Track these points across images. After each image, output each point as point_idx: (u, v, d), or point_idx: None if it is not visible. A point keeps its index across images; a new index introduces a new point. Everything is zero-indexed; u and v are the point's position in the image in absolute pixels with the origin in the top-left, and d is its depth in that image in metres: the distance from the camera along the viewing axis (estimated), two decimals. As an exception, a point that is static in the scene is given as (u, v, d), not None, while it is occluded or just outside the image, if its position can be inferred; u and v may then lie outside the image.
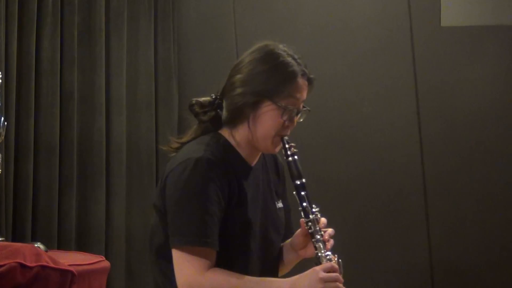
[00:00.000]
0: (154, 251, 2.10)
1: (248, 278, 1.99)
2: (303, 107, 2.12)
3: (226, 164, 2.05)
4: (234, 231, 2.04)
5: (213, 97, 2.13)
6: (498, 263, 4.33)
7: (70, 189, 3.85)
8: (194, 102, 2.15)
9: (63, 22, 3.90)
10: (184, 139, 2.14)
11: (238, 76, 2.07)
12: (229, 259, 2.04)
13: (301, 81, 2.09)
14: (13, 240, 3.59)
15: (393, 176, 4.34)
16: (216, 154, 2.03)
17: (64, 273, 2.61)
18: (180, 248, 1.98)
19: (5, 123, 3.21)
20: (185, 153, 2.05)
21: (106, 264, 3.13)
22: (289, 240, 2.22)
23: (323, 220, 2.09)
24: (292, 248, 2.20)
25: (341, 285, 1.98)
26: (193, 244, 1.96)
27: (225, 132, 2.13)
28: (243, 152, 2.12)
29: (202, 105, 2.14)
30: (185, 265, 1.97)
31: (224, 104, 2.11)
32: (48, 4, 3.83)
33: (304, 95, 2.11)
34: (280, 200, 2.23)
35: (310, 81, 2.12)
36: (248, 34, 4.28)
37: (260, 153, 2.17)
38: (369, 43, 4.39)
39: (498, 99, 4.37)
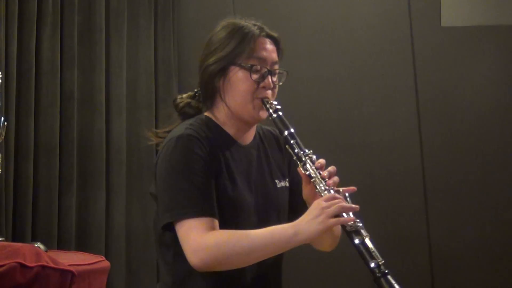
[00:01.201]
0: (157, 239, 2.09)
1: (251, 231, 1.93)
2: (279, 69, 2.10)
3: (211, 140, 2.02)
4: (222, 209, 2.00)
5: (195, 90, 2.17)
6: (498, 263, 4.33)
7: (70, 189, 3.85)
8: (176, 97, 2.19)
9: (63, 22, 3.90)
10: (169, 128, 2.15)
11: (205, 52, 2.09)
12: None
13: (261, 39, 2.08)
14: (13, 240, 3.59)
15: (393, 176, 4.34)
16: (198, 131, 2.02)
17: (64, 273, 2.61)
18: (177, 223, 1.95)
19: (5, 123, 3.21)
20: (169, 136, 2.05)
21: (106, 264, 3.13)
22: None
23: (321, 160, 2.02)
24: (307, 203, 2.07)
25: (344, 203, 1.91)
26: (185, 216, 1.93)
27: (207, 114, 2.12)
28: (230, 130, 2.10)
29: (182, 98, 2.19)
30: (185, 237, 1.93)
31: (199, 86, 2.13)
32: (48, 4, 3.83)
33: (272, 55, 2.08)
34: (287, 179, 2.18)
35: (273, 39, 2.11)
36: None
37: (252, 131, 2.15)
38: (369, 43, 4.39)
39: (498, 99, 4.37)
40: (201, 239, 1.90)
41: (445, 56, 4.39)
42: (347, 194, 1.99)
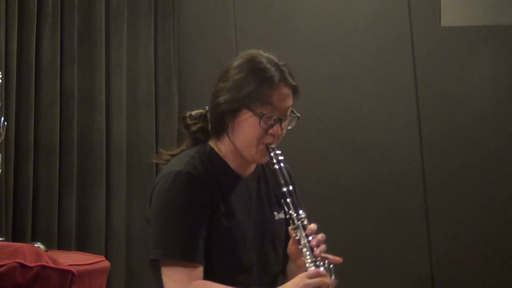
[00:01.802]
0: (151, 263, 2.09)
1: None
2: (293, 112, 2.08)
3: (210, 176, 2.03)
4: (220, 243, 2.02)
5: (206, 109, 2.13)
6: (498, 263, 4.33)
7: (70, 189, 3.85)
8: (186, 115, 2.16)
9: (63, 22, 3.90)
10: (174, 152, 2.15)
11: (220, 85, 2.05)
12: (219, 272, 2.02)
13: (281, 88, 2.03)
14: (13, 240, 3.59)
15: (393, 176, 4.34)
16: (198, 167, 2.02)
17: (64, 273, 2.61)
18: (162, 262, 1.98)
19: (5, 123, 3.21)
20: (169, 167, 2.05)
21: (106, 264, 3.13)
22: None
23: (312, 226, 2.01)
24: (291, 258, 2.14)
25: (327, 279, 1.93)
26: (169, 257, 1.96)
27: (212, 143, 2.12)
28: (232, 163, 2.10)
29: (193, 117, 2.15)
30: (167, 280, 1.97)
31: (208, 115, 2.11)
32: (48, 4, 3.82)
33: (287, 102, 2.05)
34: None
35: (292, 87, 2.07)
36: (248, 34, 4.28)
37: (254, 164, 2.14)
38: (369, 43, 4.39)
39: (498, 99, 4.37)
40: None
41: (445, 56, 4.39)
42: (331, 265, 1.99)
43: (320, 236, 2.00)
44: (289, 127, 2.09)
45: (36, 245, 2.90)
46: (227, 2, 4.37)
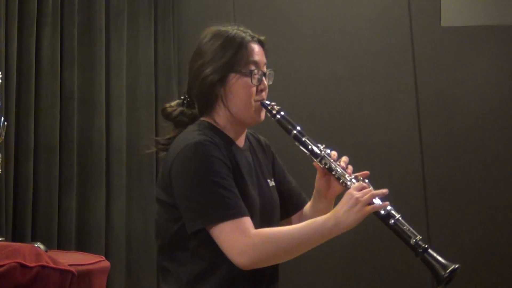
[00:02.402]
0: (167, 244, 2.12)
1: (291, 226, 2.06)
2: (268, 69, 2.19)
3: (219, 144, 2.09)
4: None
5: (182, 98, 2.23)
6: (498, 263, 4.33)
7: (70, 189, 3.85)
8: (165, 105, 2.24)
9: (63, 22, 3.90)
10: (170, 135, 2.20)
11: (199, 62, 2.14)
12: None
13: (253, 45, 2.16)
14: (13, 240, 3.59)
15: (393, 176, 4.34)
16: (209, 136, 2.08)
17: (64, 273, 2.61)
18: (213, 227, 2.00)
19: (5, 123, 3.21)
20: (181, 143, 2.08)
21: (106, 264, 3.12)
22: (313, 193, 2.28)
23: (334, 153, 2.20)
24: (319, 195, 2.26)
25: (376, 192, 2.10)
26: (224, 219, 1.99)
27: (207, 119, 2.17)
28: (230, 133, 2.16)
29: (171, 106, 2.23)
30: (228, 240, 2.00)
31: (194, 94, 2.17)
32: (48, 4, 3.82)
33: (263, 58, 2.18)
34: (272, 179, 2.28)
35: (261, 42, 2.19)
36: (248, 34, 4.28)
37: (245, 134, 2.22)
38: (369, 43, 4.39)
39: (498, 99, 4.37)
40: (247, 240, 1.99)
41: (445, 56, 4.39)
42: (366, 180, 2.17)
43: (345, 157, 2.23)
44: (270, 83, 2.19)
45: (36, 245, 2.90)
46: (227, 2, 4.37)
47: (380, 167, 4.34)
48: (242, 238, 1.98)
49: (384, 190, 2.14)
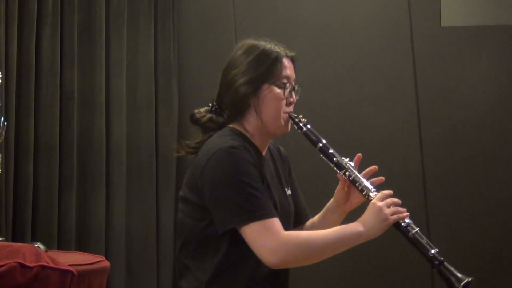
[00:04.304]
0: (187, 242, 2.19)
1: (321, 231, 2.17)
2: (295, 84, 2.31)
3: (250, 150, 2.18)
4: None
5: (210, 105, 2.32)
6: (498, 263, 4.33)
7: (70, 189, 3.85)
8: (194, 111, 2.32)
9: (63, 22, 3.90)
10: (199, 140, 2.28)
11: (234, 71, 2.26)
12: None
13: (286, 61, 2.29)
14: (13, 240, 3.59)
15: (393, 176, 4.34)
16: (241, 142, 2.18)
17: (64, 273, 2.61)
18: (245, 226, 2.07)
19: (5, 123, 3.20)
20: (214, 146, 2.16)
21: (106, 264, 3.12)
22: (328, 203, 2.40)
23: (355, 163, 2.33)
24: (336, 206, 2.37)
25: (395, 199, 2.22)
26: (256, 219, 2.07)
27: (236, 126, 2.26)
28: (256, 142, 2.26)
29: (200, 112, 2.32)
30: (260, 238, 2.07)
31: (225, 102, 2.27)
32: (48, 4, 3.82)
33: (293, 73, 2.31)
34: (289, 187, 2.37)
35: (292, 59, 2.32)
36: (248, 34, 4.24)
37: (268, 143, 2.33)
38: (369, 43, 4.39)
39: (498, 99, 4.37)
40: (279, 240, 2.07)
41: (445, 56, 4.39)
42: (391, 192, 2.26)
43: (370, 168, 2.37)
44: (297, 97, 2.33)
45: (36, 245, 2.90)
46: (227, 2, 4.37)
47: (380, 167, 4.30)
48: (274, 238, 2.06)
49: (396, 200, 2.26)
